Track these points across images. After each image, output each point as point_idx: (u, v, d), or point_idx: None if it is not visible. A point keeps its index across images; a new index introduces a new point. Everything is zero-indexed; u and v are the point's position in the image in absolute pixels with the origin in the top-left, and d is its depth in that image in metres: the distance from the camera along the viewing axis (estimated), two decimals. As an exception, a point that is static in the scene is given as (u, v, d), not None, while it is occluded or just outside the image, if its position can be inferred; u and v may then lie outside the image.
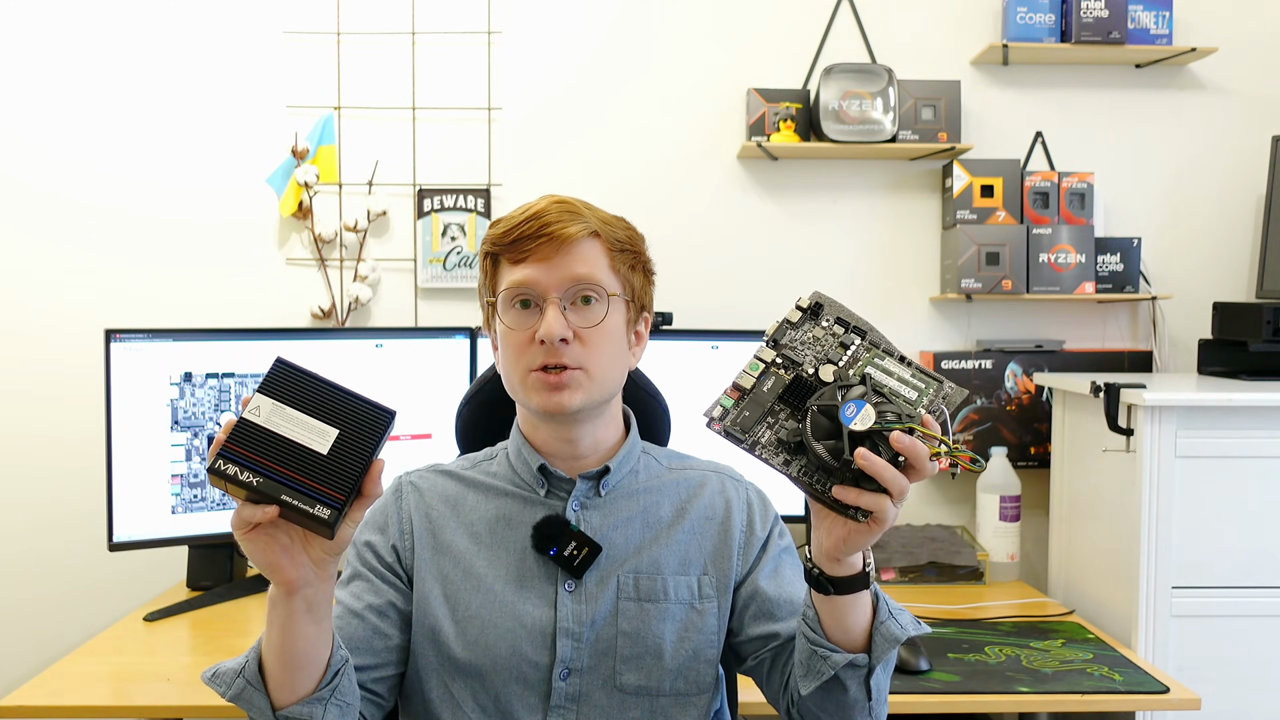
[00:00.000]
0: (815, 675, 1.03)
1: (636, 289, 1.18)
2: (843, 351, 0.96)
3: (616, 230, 1.16)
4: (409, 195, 2.33)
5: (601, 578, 1.14)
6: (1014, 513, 2.18)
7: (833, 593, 0.98)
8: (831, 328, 0.98)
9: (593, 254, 1.13)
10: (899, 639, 1.01)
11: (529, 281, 1.11)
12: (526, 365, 1.11)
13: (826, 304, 1.00)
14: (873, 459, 0.87)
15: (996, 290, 2.23)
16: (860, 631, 1.02)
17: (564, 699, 1.11)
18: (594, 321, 1.11)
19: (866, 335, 0.98)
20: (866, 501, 0.89)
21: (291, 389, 0.89)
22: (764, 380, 0.95)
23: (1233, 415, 1.81)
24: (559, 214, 1.11)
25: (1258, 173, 2.32)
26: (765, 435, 0.93)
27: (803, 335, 0.98)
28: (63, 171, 2.28)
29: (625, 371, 1.18)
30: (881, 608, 1.02)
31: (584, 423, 1.16)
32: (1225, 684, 1.81)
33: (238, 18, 2.29)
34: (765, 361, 0.96)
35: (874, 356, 0.96)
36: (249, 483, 0.86)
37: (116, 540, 1.92)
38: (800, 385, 0.94)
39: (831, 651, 1.01)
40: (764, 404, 0.94)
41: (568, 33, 2.32)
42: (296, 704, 0.99)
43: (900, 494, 0.89)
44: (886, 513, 0.89)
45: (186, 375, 1.97)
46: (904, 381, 0.94)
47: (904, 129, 2.23)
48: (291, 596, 0.94)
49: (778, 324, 0.99)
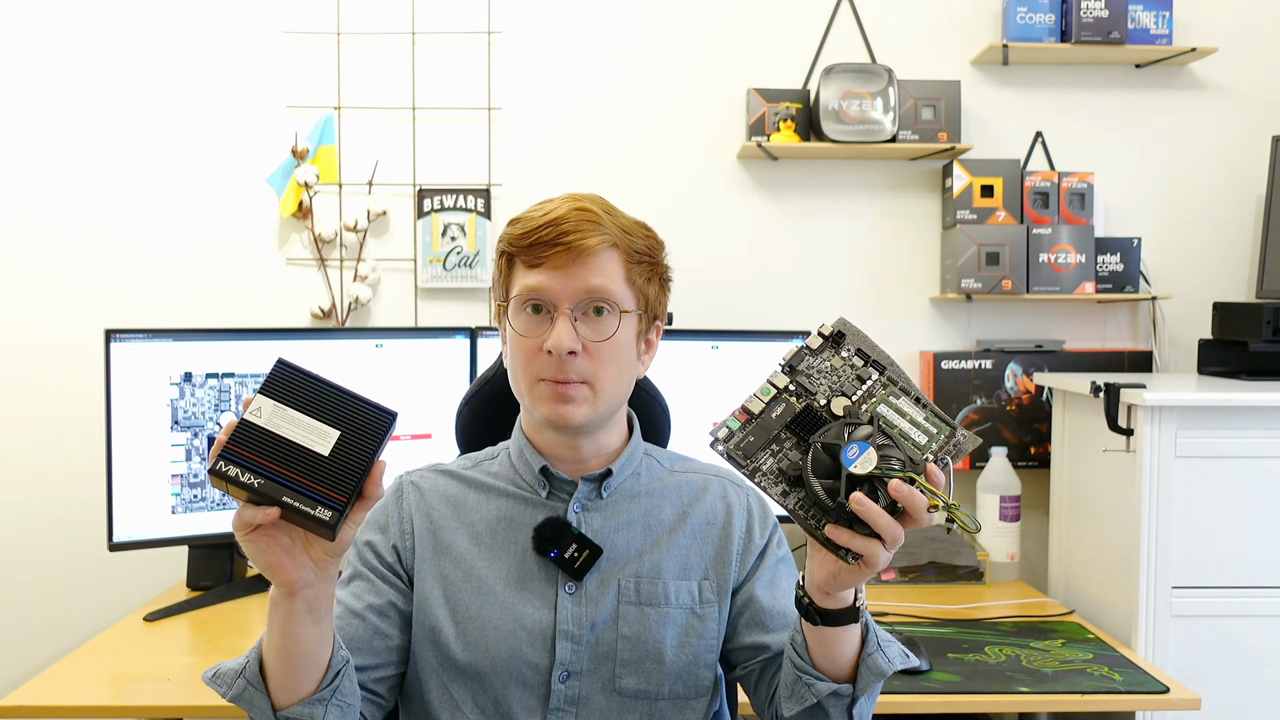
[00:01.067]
0: (799, 700, 1.03)
1: (650, 300, 1.16)
2: (858, 385, 0.94)
3: (635, 240, 1.13)
4: (409, 195, 2.33)
5: (602, 580, 1.14)
6: (1014, 513, 2.18)
7: (821, 624, 0.98)
8: (851, 359, 0.96)
9: (609, 266, 1.11)
10: (885, 673, 1.01)
11: (542, 288, 1.09)
12: (534, 374, 1.11)
13: (850, 333, 0.97)
14: (867, 505, 0.86)
15: (996, 290, 2.23)
16: (847, 662, 1.02)
17: (563, 701, 1.11)
18: (605, 335, 1.10)
19: (885, 371, 0.95)
20: (858, 545, 0.88)
21: (293, 390, 0.89)
22: (774, 406, 0.93)
23: (1233, 415, 1.81)
24: (578, 222, 1.09)
25: (1258, 173, 2.32)
26: (767, 463, 0.92)
27: (820, 364, 0.96)
28: (63, 171, 2.28)
29: (632, 382, 1.17)
30: (871, 639, 1.02)
31: (587, 434, 1.15)
32: (1225, 684, 1.81)
33: (238, 18, 2.29)
34: (778, 388, 0.94)
35: (889, 394, 0.94)
36: (250, 484, 0.86)
37: (116, 540, 1.92)
38: (810, 416, 0.93)
39: (816, 680, 1.02)
40: (770, 431, 0.93)
41: (568, 33, 2.32)
42: (297, 704, 0.99)
43: (893, 542, 0.88)
44: (877, 558, 0.89)
45: (186, 375, 1.97)
46: (916, 424, 0.92)
47: (904, 129, 2.23)
48: (292, 597, 0.94)
49: (796, 349, 0.96)
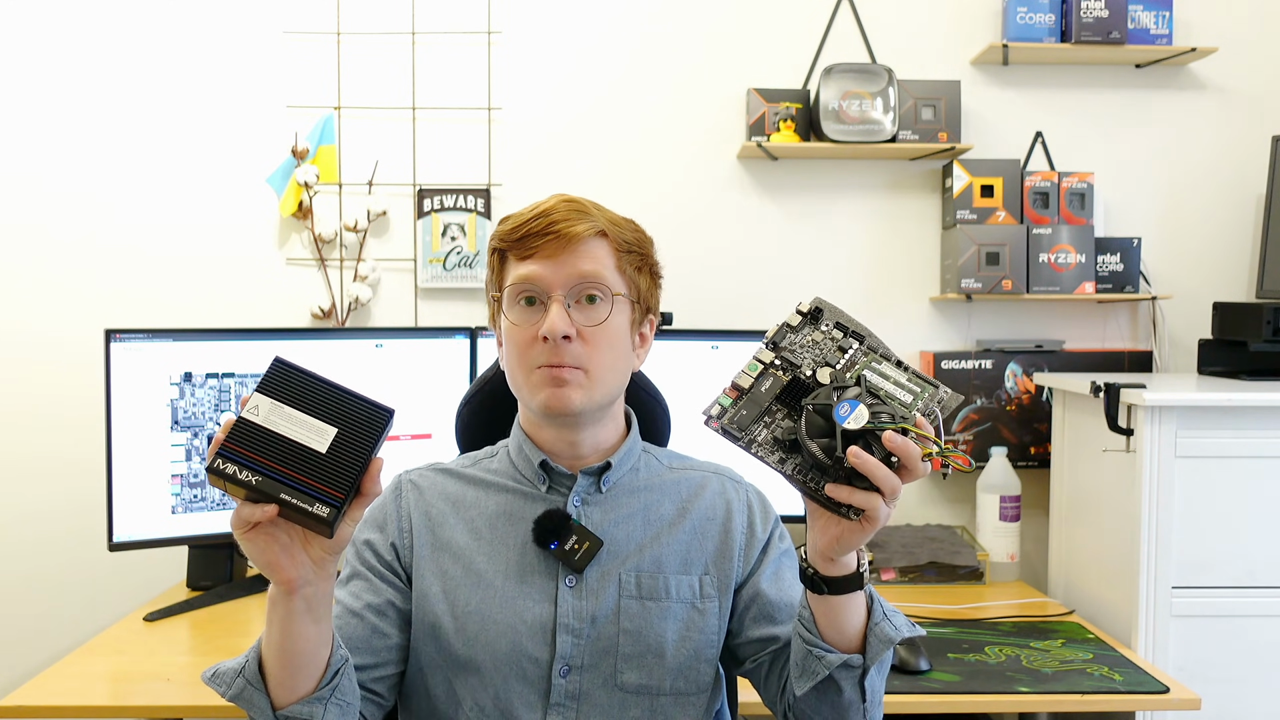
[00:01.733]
0: (810, 675, 1.03)
1: (643, 290, 1.18)
2: (841, 355, 0.98)
3: (624, 231, 1.16)
4: (409, 195, 2.33)
5: (603, 574, 1.14)
6: (1014, 513, 2.18)
7: (827, 592, 0.99)
8: (830, 332, 0.99)
9: (599, 253, 1.13)
10: (893, 640, 1.02)
11: (534, 278, 1.11)
12: (530, 363, 1.12)
13: (826, 309, 1.01)
14: (865, 457, 0.87)
15: (996, 290, 2.23)
16: (855, 632, 1.02)
17: (564, 696, 1.11)
18: (598, 320, 1.12)
19: (865, 340, 0.99)
20: (859, 500, 0.89)
21: (290, 388, 0.90)
22: (762, 381, 0.96)
23: (1233, 415, 1.81)
24: (567, 212, 1.12)
25: (1258, 173, 2.32)
26: (762, 434, 0.94)
27: (802, 339, 0.99)
28: (63, 171, 2.28)
29: (628, 373, 1.18)
30: (876, 609, 1.03)
31: (585, 426, 1.16)
32: (1225, 684, 1.81)
33: (238, 18, 2.29)
34: (764, 363, 0.97)
35: (871, 360, 0.97)
36: (248, 482, 0.86)
37: (116, 540, 1.92)
38: (797, 386, 0.95)
39: (826, 652, 1.02)
40: (761, 403, 0.95)
41: (568, 33, 2.32)
42: (296, 703, 0.99)
43: (892, 493, 0.89)
44: (879, 511, 0.90)
45: (186, 375, 1.97)
46: (900, 385, 0.95)
47: (904, 129, 2.23)
48: (291, 595, 0.94)
49: (777, 327, 1.00)
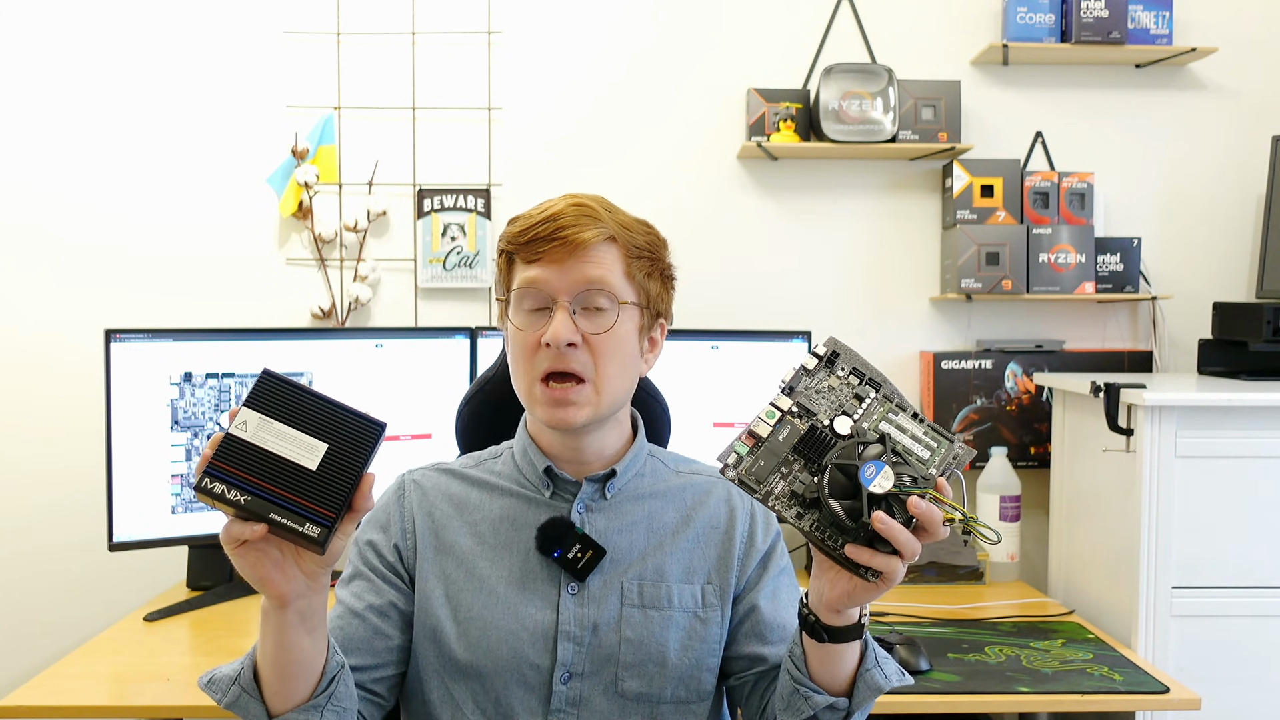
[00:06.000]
0: (795, 712, 1.04)
1: (652, 296, 1.16)
2: (858, 404, 0.96)
3: (635, 235, 1.14)
4: (409, 195, 2.32)
5: (605, 582, 1.14)
6: (1014, 513, 2.18)
7: (827, 641, 0.99)
8: (847, 378, 0.98)
9: (608, 258, 1.11)
10: (881, 689, 1.02)
11: (540, 282, 1.10)
12: (535, 373, 1.10)
13: (842, 352, 0.99)
14: (891, 524, 0.86)
15: (996, 290, 2.23)
16: (845, 676, 1.02)
17: (564, 703, 1.11)
18: (604, 328, 1.10)
19: (880, 388, 0.97)
20: (879, 563, 0.89)
21: (279, 402, 0.87)
22: (780, 429, 0.94)
23: (1233, 415, 1.81)
24: (575, 217, 1.09)
25: (1258, 173, 2.32)
26: (779, 486, 0.93)
27: (818, 383, 0.98)
28: (63, 172, 2.28)
29: (635, 380, 1.17)
30: (869, 655, 1.03)
31: (590, 433, 1.15)
32: (1225, 684, 1.81)
33: (238, 18, 2.29)
34: (781, 410, 0.95)
35: (888, 411, 0.96)
36: (237, 501, 0.84)
37: (116, 540, 1.92)
38: (814, 437, 0.94)
39: (814, 693, 1.02)
40: (779, 454, 0.93)
41: (568, 33, 2.32)
42: (292, 711, 0.98)
43: (912, 555, 0.89)
44: (896, 573, 0.89)
45: (186, 375, 1.97)
46: (917, 440, 0.94)
47: (904, 129, 2.23)
48: (284, 609, 0.93)
49: (794, 371, 0.98)
